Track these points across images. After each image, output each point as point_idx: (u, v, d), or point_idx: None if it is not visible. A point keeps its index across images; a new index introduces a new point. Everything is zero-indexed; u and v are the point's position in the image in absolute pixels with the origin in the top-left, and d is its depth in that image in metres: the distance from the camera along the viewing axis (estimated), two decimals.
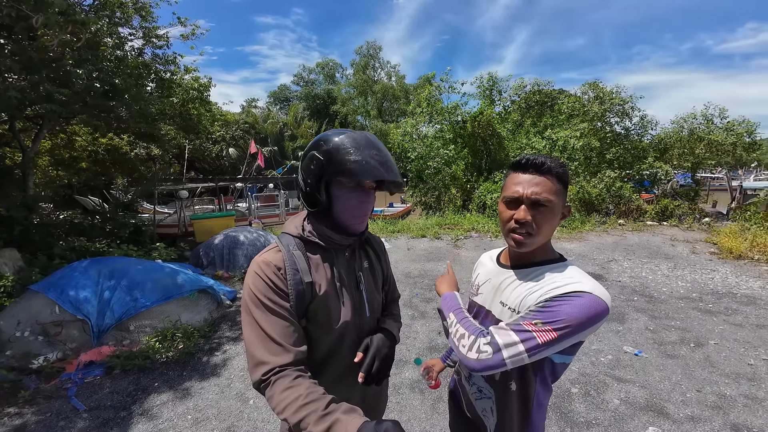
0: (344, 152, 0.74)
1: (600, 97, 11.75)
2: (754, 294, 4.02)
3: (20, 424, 2.12)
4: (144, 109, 5.09)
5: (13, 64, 3.74)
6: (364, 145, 0.76)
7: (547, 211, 0.74)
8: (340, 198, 0.78)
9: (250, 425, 2.09)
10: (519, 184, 0.76)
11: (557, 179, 0.75)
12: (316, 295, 0.77)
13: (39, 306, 2.88)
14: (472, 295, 0.98)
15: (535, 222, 0.74)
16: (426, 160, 10.46)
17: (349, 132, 0.79)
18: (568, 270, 0.76)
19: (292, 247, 0.79)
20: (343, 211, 0.79)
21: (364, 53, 31.96)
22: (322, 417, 0.58)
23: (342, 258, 0.85)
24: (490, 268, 0.94)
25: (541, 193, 0.74)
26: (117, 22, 4.44)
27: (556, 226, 0.79)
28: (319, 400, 0.61)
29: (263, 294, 0.72)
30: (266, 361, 0.67)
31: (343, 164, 0.74)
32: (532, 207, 0.74)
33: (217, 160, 18.67)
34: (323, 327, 0.78)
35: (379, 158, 0.75)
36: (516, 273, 0.83)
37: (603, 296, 0.69)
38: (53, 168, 7.36)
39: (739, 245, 5.72)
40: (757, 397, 2.23)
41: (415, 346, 2.99)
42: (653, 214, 9.09)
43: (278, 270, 0.74)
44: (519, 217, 0.75)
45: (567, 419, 2.06)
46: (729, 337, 3.03)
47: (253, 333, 0.71)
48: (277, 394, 0.64)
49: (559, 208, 0.76)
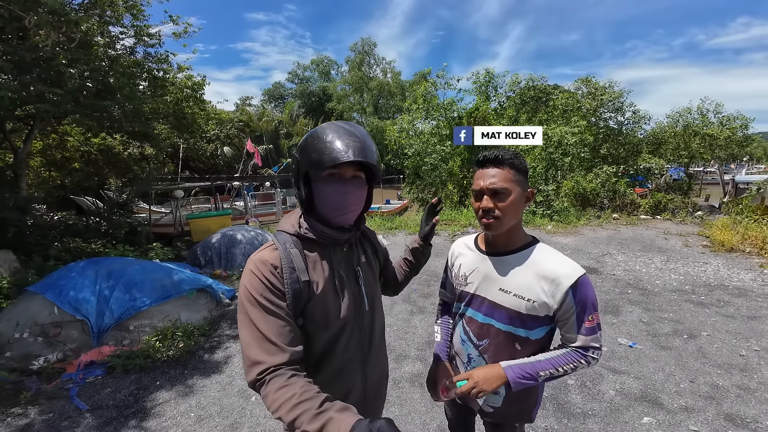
0: (311, 142, 0.74)
1: (593, 92, 11.82)
2: (746, 286, 4.11)
3: (25, 424, 2.13)
4: (138, 108, 5.03)
5: (4, 64, 3.68)
6: (332, 131, 0.74)
7: (505, 197, 0.85)
8: (316, 190, 0.77)
9: (253, 421, 2.11)
10: (480, 178, 0.89)
11: (512, 168, 0.86)
12: (314, 294, 0.76)
13: (37, 307, 2.86)
14: (460, 285, 1.01)
15: (498, 208, 0.86)
16: (423, 157, 10.47)
17: (325, 123, 0.78)
18: (546, 252, 0.91)
19: (288, 245, 0.77)
20: (322, 203, 0.78)
21: (359, 50, 31.68)
22: (316, 416, 0.57)
23: (340, 254, 0.84)
24: (472, 256, 1.00)
25: (497, 183, 0.85)
26: (107, 21, 4.36)
27: (521, 209, 0.90)
28: (313, 399, 0.61)
29: (259, 293, 0.71)
30: (261, 361, 0.67)
31: (310, 154, 0.73)
32: (493, 196, 0.86)
33: (212, 158, 18.50)
34: (322, 324, 0.78)
35: (347, 141, 0.72)
36: (503, 259, 0.93)
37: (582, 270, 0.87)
38: (45, 169, 7.25)
39: (731, 238, 5.83)
40: (749, 387, 2.28)
41: (414, 341, 3.02)
42: (647, 208, 9.20)
43: (275, 268, 0.73)
44: (483, 205, 0.87)
45: (564, 410, 2.11)
46: (721, 328, 3.10)
47: (249, 333, 0.70)
48: (271, 393, 0.64)
49: (518, 193, 0.87)
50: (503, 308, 0.90)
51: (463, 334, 1.01)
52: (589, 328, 0.85)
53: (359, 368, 0.86)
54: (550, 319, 0.89)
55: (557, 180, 9.44)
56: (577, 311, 0.84)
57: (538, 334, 0.91)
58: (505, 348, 0.92)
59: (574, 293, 0.83)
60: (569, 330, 0.87)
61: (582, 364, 0.86)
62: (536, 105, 11.98)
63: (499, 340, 0.93)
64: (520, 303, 0.87)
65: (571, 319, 0.85)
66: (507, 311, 0.90)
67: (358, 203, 0.81)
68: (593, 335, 0.85)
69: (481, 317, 0.95)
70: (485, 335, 0.95)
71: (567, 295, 0.84)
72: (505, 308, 0.90)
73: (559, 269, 0.85)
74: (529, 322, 0.89)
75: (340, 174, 0.75)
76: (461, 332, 1.01)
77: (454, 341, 1.05)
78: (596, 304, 0.86)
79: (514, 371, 0.85)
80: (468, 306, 0.99)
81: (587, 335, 0.85)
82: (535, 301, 0.86)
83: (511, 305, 0.89)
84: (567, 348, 0.88)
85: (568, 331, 0.87)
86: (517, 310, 0.88)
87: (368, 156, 0.74)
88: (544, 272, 0.86)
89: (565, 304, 0.85)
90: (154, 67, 5.48)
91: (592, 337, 0.85)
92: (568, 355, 0.87)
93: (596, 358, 0.86)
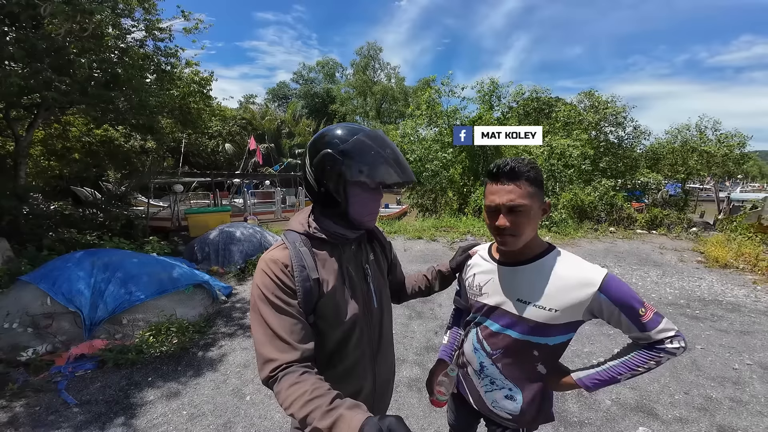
0: (365, 154, 0.74)
1: (595, 106, 11.99)
2: (739, 302, 4.15)
3: (9, 417, 2.08)
4: (144, 101, 5.03)
5: (17, 51, 3.67)
6: (380, 145, 0.76)
7: (523, 214, 0.81)
8: (358, 197, 0.78)
9: (247, 421, 2.08)
10: (494, 193, 0.83)
11: (528, 182, 0.81)
12: (324, 292, 0.77)
13: (29, 297, 2.81)
14: (475, 295, 0.98)
15: (515, 225, 0.81)
16: (424, 163, 10.51)
17: (362, 130, 0.76)
18: (565, 259, 0.87)
19: (298, 244, 0.78)
20: (360, 210, 0.80)
21: (364, 54, 32.01)
22: (327, 412, 0.58)
23: (349, 252, 0.85)
24: (486, 266, 0.97)
25: (515, 200, 0.80)
26: (119, 13, 4.39)
27: (538, 222, 0.86)
28: (324, 396, 0.62)
29: (271, 292, 0.73)
30: (274, 359, 0.69)
31: (365, 167, 0.74)
32: (509, 213, 0.81)
33: (213, 155, 18.46)
34: (332, 321, 0.79)
35: (394, 158, 0.76)
36: (520, 269, 0.89)
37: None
38: (45, 158, 7.20)
39: (725, 255, 5.90)
40: (741, 400, 2.30)
41: (412, 345, 3.01)
42: (643, 222, 9.29)
43: (285, 267, 0.75)
44: (500, 224, 0.82)
45: (561, 419, 2.11)
46: (715, 342, 3.12)
47: (262, 331, 0.72)
48: (284, 390, 0.65)
49: (536, 208, 0.83)
50: (524, 320, 0.87)
51: (476, 343, 0.98)
52: (647, 322, 0.78)
53: (370, 365, 0.86)
54: (574, 326, 0.86)
55: (556, 192, 9.52)
56: (624, 311, 0.79)
57: (557, 340, 0.88)
58: (522, 355, 0.90)
59: (608, 295, 0.79)
60: (630, 330, 0.81)
61: (663, 356, 0.79)
62: (538, 117, 12.12)
63: (515, 349, 0.90)
64: (541, 313, 0.84)
65: (624, 320, 0.79)
66: (527, 322, 0.86)
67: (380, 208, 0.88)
68: (657, 326, 0.78)
69: (498, 327, 0.92)
70: (500, 345, 0.92)
71: (600, 301, 0.79)
72: (525, 320, 0.86)
73: (581, 275, 0.81)
74: (551, 331, 0.86)
75: (380, 186, 0.80)
76: (474, 340, 0.99)
77: (466, 349, 1.02)
78: (638, 297, 0.80)
79: (591, 380, 0.86)
80: (485, 316, 0.96)
81: (651, 329, 0.78)
82: (557, 310, 0.82)
83: (531, 316, 0.85)
84: (639, 346, 0.83)
85: (630, 331, 0.81)
86: (537, 320, 0.85)
87: (412, 177, 0.80)
88: (565, 281, 0.82)
89: (605, 310, 0.80)
90: (163, 60, 5.49)
91: (658, 329, 0.78)
92: (642, 354, 0.81)
93: (678, 346, 0.78)
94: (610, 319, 0.81)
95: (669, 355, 0.79)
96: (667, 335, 0.78)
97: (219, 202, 10.76)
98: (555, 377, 0.92)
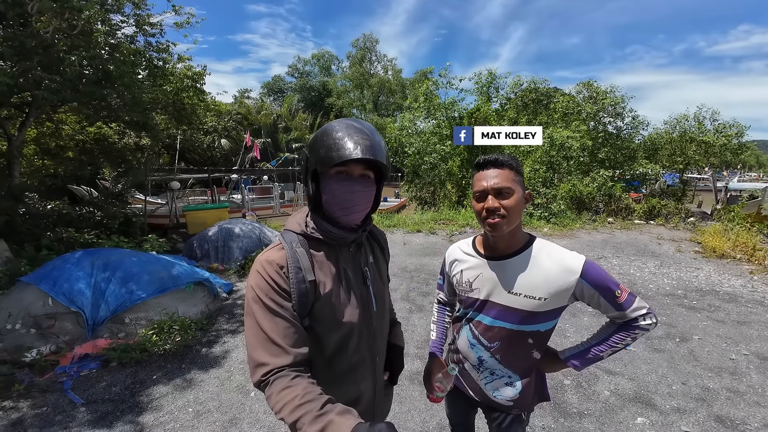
0: (321, 138, 0.73)
1: (594, 96, 11.89)
2: (736, 292, 4.20)
3: (17, 417, 2.10)
4: (137, 97, 4.94)
5: (5, 50, 3.59)
6: (341, 128, 0.72)
7: (509, 196, 0.88)
8: (325, 188, 0.75)
9: (252, 417, 2.11)
10: (482, 179, 0.90)
11: (511, 170, 0.89)
12: (320, 294, 0.75)
13: (30, 298, 2.81)
14: (465, 291, 1.01)
15: (503, 207, 0.87)
16: (422, 156, 10.46)
17: (336, 120, 0.76)
18: (546, 248, 0.94)
19: (295, 244, 0.76)
20: (330, 202, 0.75)
21: (360, 46, 31.46)
22: (317, 418, 0.58)
23: (347, 254, 0.83)
24: (473, 262, 1.00)
25: (501, 183, 0.88)
26: (108, 9, 4.27)
27: (522, 209, 0.91)
28: (315, 401, 0.61)
29: (265, 294, 0.71)
30: (266, 362, 0.67)
31: (319, 150, 0.72)
32: (497, 195, 0.88)
33: (209, 150, 18.27)
34: (330, 325, 0.77)
35: (356, 139, 0.70)
36: (507, 263, 0.94)
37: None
38: (39, 157, 7.10)
39: (722, 245, 5.95)
40: (738, 390, 2.34)
41: (413, 339, 3.04)
42: (641, 213, 9.33)
43: (281, 268, 0.73)
44: (488, 205, 0.88)
45: (560, 410, 2.15)
46: (712, 332, 3.17)
47: (254, 334, 0.70)
48: (275, 394, 0.64)
49: (520, 193, 0.89)
50: (515, 310, 0.92)
51: (471, 338, 1.01)
52: (623, 302, 0.87)
53: (370, 369, 0.86)
54: (560, 311, 0.93)
55: (554, 183, 9.52)
56: (602, 293, 0.87)
57: (548, 326, 0.95)
58: (518, 344, 0.96)
59: (587, 280, 0.87)
60: (608, 310, 0.90)
61: (638, 333, 0.89)
62: (537, 108, 12.03)
63: (511, 339, 0.95)
64: (531, 303, 0.90)
65: (602, 302, 0.88)
66: (519, 312, 0.92)
67: (365, 203, 0.79)
68: (631, 306, 0.88)
69: (491, 320, 0.96)
70: (496, 337, 0.96)
71: (581, 286, 0.87)
72: (517, 310, 0.92)
73: (564, 264, 0.89)
74: (541, 318, 0.92)
75: (347, 172, 0.74)
76: (469, 336, 1.01)
77: (461, 346, 1.05)
78: (614, 279, 0.89)
79: (579, 361, 0.95)
80: (477, 311, 0.99)
81: (626, 309, 0.88)
82: (546, 299, 0.89)
83: (523, 306, 0.91)
84: (616, 324, 0.92)
85: (608, 311, 0.90)
86: (528, 310, 0.91)
87: (377, 154, 0.71)
88: (550, 270, 0.89)
89: (586, 294, 0.88)
90: (155, 56, 5.38)
91: (632, 308, 0.88)
92: (621, 332, 0.90)
93: (650, 322, 0.88)
94: (591, 301, 0.89)
95: (643, 331, 0.89)
96: (640, 313, 0.88)
97: (217, 199, 10.71)
98: (546, 360, 1.01)
